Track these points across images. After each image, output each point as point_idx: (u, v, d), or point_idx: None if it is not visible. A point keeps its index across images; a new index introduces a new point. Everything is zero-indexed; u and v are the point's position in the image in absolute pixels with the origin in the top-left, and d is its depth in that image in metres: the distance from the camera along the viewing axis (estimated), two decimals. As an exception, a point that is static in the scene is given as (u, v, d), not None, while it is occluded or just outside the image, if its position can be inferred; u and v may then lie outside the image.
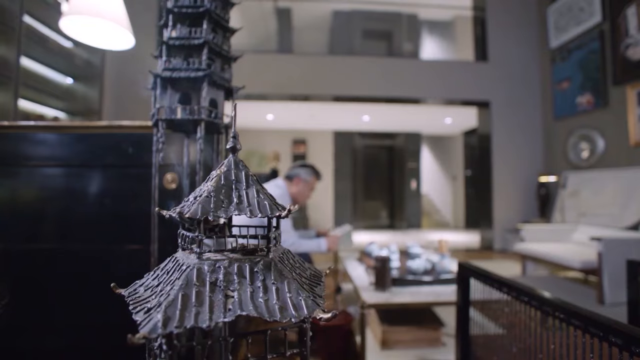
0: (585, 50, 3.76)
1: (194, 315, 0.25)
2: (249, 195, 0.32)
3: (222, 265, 0.29)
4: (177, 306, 0.25)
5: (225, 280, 0.29)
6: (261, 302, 0.27)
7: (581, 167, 3.81)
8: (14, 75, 2.68)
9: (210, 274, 0.29)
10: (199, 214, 0.29)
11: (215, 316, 0.25)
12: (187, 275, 0.28)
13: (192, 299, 0.26)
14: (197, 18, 0.62)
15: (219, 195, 0.31)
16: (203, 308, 0.26)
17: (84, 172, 0.96)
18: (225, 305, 0.27)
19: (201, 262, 0.30)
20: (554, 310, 0.64)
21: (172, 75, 0.59)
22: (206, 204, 0.30)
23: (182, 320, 0.24)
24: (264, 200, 0.32)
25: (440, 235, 6.17)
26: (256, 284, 0.29)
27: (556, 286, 2.78)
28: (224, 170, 0.33)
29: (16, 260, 0.93)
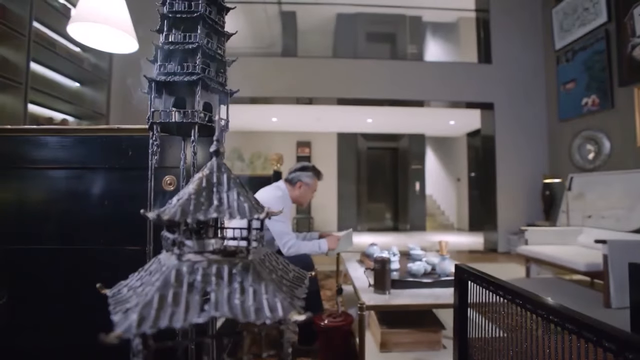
0: (591, 51, 3.72)
1: (168, 316, 0.25)
2: (229, 198, 0.33)
3: (201, 266, 0.30)
4: (153, 307, 0.26)
5: (203, 282, 0.29)
6: (237, 304, 0.28)
7: (586, 169, 3.76)
8: (24, 80, 2.74)
9: (189, 275, 0.29)
10: (178, 216, 0.30)
11: (189, 317, 0.26)
12: (166, 277, 0.29)
13: (169, 300, 0.27)
14: (191, 23, 0.63)
15: (200, 197, 0.32)
16: (179, 309, 0.26)
17: (85, 174, 0.97)
18: (202, 306, 0.27)
19: (181, 263, 0.30)
20: (548, 314, 0.63)
21: (166, 79, 0.60)
22: (186, 206, 0.31)
23: (156, 321, 0.25)
24: (243, 203, 0.32)
25: (443, 237, 6.13)
26: (234, 286, 0.29)
27: (561, 289, 2.75)
28: (206, 173, 0.34)
29: (17, 260, 0.94)
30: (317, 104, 4.85)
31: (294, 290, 0.33)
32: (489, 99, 4.46)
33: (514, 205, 4.37)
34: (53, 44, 3.12)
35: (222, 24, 0.70)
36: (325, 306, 2.34)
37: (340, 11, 6.95)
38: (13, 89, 2.70)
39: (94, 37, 1.93)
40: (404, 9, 6.45)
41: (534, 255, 2.90)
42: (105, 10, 1.82)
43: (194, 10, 0.63)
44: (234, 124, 3.99)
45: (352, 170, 7.31)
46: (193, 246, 0.32)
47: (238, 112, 5.66)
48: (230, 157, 6.71)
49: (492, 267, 3.63)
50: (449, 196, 8.03)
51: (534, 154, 4.42)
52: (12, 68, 2.70)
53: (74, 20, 1.77)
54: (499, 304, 0.81)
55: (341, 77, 4.52)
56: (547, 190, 4.15)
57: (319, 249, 1.84)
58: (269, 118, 6.23)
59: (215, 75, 0.68)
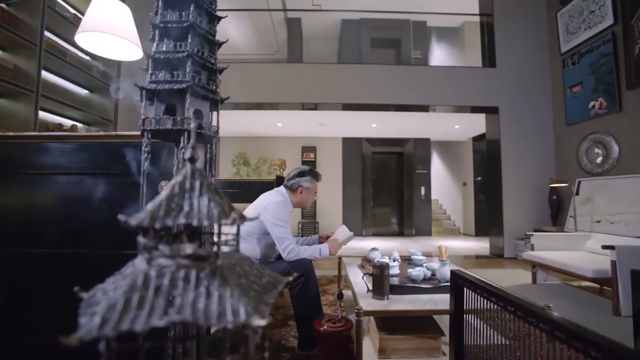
0: (597, 53, 3.67)
1: (131, 319, 0.26)
2: (200, 204, 0.33)
3: (170, 270, 0.31)
4: (117, 309, 0.27)
5: (170, 286, 0.30)
6: (200, 308, 0.28)
7: (594, 173, 3.70)
8: (35, 88, 2.81)
9: (157, 279, 0.30)
10: (147, 222, 0.31)
11: (151, 320, 0.26)
12: (133, 280, 0.29)
13: (133, 303, 0.28)
14: (181, 32, 0.64)
15: (171, 203, 0.33)
16: (142, 312, 0.27)
17: (84, 179, 1.00)
18: (166, 309, 0.28)
19: (150, 267, 0.31)
20: (538, 321, 0.62)
21: (156, 87, 0.62)
22: (156, 212, 0.32)
23: (118, 324, 0.26)
24: (213, 209, 0.33)
25: (449, 242, 6.06)
26: (200, 290, 0.30)
27: (568, 296, 2.69)
28: (179, 180, 0.35)
29: (17, 263, 0.97)
30: (322, 109, 4.87)
31: (263, 295, 0.34)
32: (494, 103, 4.42)
33: (520, 210, 4.31)
34: (64, 53, 3.20)
35: (213, 33, 0.72)
36: (328, 311, 2.33)
37: (345, 17, 7.01)
38: (25, 97, 2.78)
39: (100, 46, 1.98)
40: (408, 14, 6.47)
41: (540, 261, 2.84)
42: (111, 20, 1.88)
43: (185, 20, 0.65)
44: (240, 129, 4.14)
45: (357, 175, 7.30)
46: (166, 251, 0.33)
47: (244, 117, 5.73)
48: (236, 162, 6.77)
49: (497, 273, 3.57)
50: (455, 201, 7.95)
51: (541, 158, 4.36)
52: (23, 76, 2.79)
53: (81, 30, 1.83)
54: (492, 310, 0.80)
55: (346, 82, 4.54)
56: (554, 195, 4.08)
57: (319, 255, 1.83)
58: (275, 123, 6.28)
59: (206, 83, 0.69)
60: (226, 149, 7.32)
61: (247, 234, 1.79)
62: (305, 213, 7.14)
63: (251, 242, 1.80)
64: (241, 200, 2.81)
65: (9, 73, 2.68)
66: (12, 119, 2.79)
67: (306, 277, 1.69)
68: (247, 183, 3.19)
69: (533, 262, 2.95)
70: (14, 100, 2.79)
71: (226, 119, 5.90)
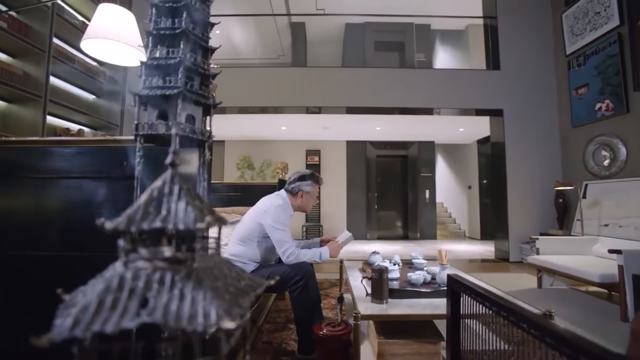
0: (603, 55, 3.63)
1: (102, 320, 0.27)
2: (177, 208, 0.34)
3: (145, 273, 0.31)
4: (90, 311, 0.27)
5: (145, 288, 0.30)
6: (173, 310, 0.29)
7: (601, 176, 3.64)
8: (43, 94, 2.88)
9: (132, 281, 0.31)
10: (123, 226, 0.31)
11: (122, 322, 0.27)
12: (109, 282, 0.30)
13: (107, 305, 0.28)
14: (174, 39, 0.66)
15: (149, 207, 0.34)
16: (114, 314, 0.28)
17: (84, 183, 1.01)
18: (139, 311, 0.28)
19: (126, 270, 0.32)
20: (530, 327, 0.61)
21: (149, 93, 0.63)
22: (132, 216, 0.32)
23: (89, 325, 0.26)
24: (190, 213, 0.34)
25: (454, 246, 6.00)
26: (174, 292, 0.30)
27: (574, 301, 2.64)
28: (159, 185, 0.36)
29: (18, 265, 0.99)
30: (326, 112, 4.89)
31: (239, 298, 0.34)
32: (498, 106, 4.39)
33: (526, 213, 4.26)
34: (72, 59, 3.27)
35: (207, 39, 0.73)
36: (329, 315, 2.32)
37: (349, 21, 7.05)
38: (33, 102, 2.85)
39: (106, 52, 2.02)
40: (412, 18, 6.48)
41: (545, 265, 2.80)
42: (116, 26, 1.92)
43: (177, 27, 0.66)
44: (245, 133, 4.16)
45: (361, 178, 7.29)
46: (144, 254, 0.33)
47: (248, 121, 5.77)
48: (240, 166, 6.81)
49: (502, 277, 3.52)
50: (460, 204, 7.88)
51: (546, 160, 4.31)
52: (32, 82, 2.85)
53: (87, 37, 1.87)
54: (487, 315, 0.80)
55: (350, 86, 4.55)
56: (560, 198, 4.03)
57: (319, 259, 1.83)
58: (279, 127, 6.31)
59: (199, 88, 0.70)
60: (231, 153, 7.37)
61: (247, 238, 1.80)
62: (310, 216, 7.14)
63: (251, 246, 1.80)
64: (244, 204, 2.82)
65: (18, 79, 2.75)
66: (21, 123, 2.86)
67: (306, 280, 1.69)
68: (249, 186, 3.21)
69: (538, 267, 2.91)
70: (22, 106, 2.85)
71: (231, 123, 5.95)
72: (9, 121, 2.85)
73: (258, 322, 1.90)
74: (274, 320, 2.22)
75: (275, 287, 1.74)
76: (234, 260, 1.79)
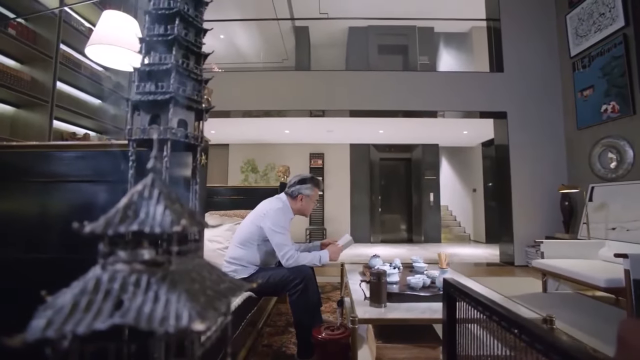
0: (609, 56, 3.59)
1: (75, 322, 0.27)
2: (156, 212, 0.35)
3: (122, 275, 0.32)
4: (63, 312, 0.28)
5: (120, 290, 0.31)
6: (146, 312, 0.29)
7: (608, 179, 3.58)
8: (50, 99, 2.93)
9: (108, 283, 0.31)
10: (100, 229, 0.32)
11: (95, 323, 0.28)
12: (85, 284, 0.31)
13: (81, 306, 0.29)
14: (166, 45, 0.67)
15: (127, 211, 0.34)
16: (87, 315, 0.28)
17: (83, 187, 1.03)
18: (112, 313, 0.29)
19: (103, 272, 0.32)
20: (520, 332, 0.61)
21: (141, 98, 0.64)
22: (111, 219, 0.33)
23: (62, 326, 0.27)
24: (167, 217, 0.34)
25: (459, 250, 5.95)
26: (149, 294, 0.31)
27: (580, 306, 2.59)
28: (139, 189, 0.36)
29: (19, 268, 1.00)
30: (330, 116, 4.90)
31: (216, 301, 0.34)
32: (502, 108, 4.36)
33: (531, 216, 4.20)
34: (78, 65, 3.33)
35: (199, 45, 0.75)
36: (330, 318, 2.31)
37: (352, 24, 7.08)
38: (40, 107, 2.90)
39: (110, 58, 2.06)
40: (415, 21, 6.49)
41: (549, 270, 2.76)
42: (119, 33, 1.95)
43: (169, 34, 0.68)
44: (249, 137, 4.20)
45: (365, 182, 7.27)
46: (124, 256, 0.34)
47: (252, 124, 5.81)
48: (244, 169, 6.85)
49: (507, 281, 3.48)
50: (465, 207, 7.81)
51: (551, 163, 4.26)
52: (39, 87, 2.91)
53: (91, 43, 1.91)
54: (482, 320, 0.79)
55: (354, 89, 4.56)
56: (566, 201, 3.97)
57: (319, 262, 1.83)
58: (282, 130, 6.34)
59: (192, 94, 0.72)
60: (235, 156, 7.42)
61: (247, 241, 1.81)
62: (313, 219, 7.14)
63: (251, 249, 1.81)
64: (246, 207, 2.83)
65: (26, 85, 2.81)
66: (28, 128, 2.91)
67: (306, 283, 1.69)
68: (251, 189, 3.22)
69: (543, 271, 2.87)
70: (30, 111, 2.91)
71: (235, 127, 6.00)
72: (18, 126, 2.91)
73: (258, 325, 1.91)
74: (275, 324, 2.21)
75: (274, 290, 1.74)
76: (234, 263, 1.79)
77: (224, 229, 2.15)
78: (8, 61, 2.81)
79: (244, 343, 1.55)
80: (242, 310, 1.50)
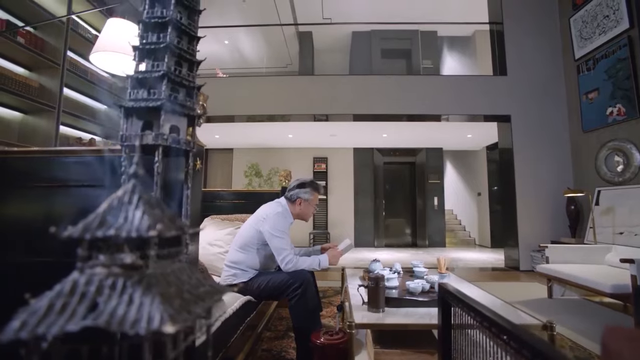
0: (613, 58, 3.56)
1: (48, 324, 0.28)
2: (134, 217, 0.36)
3: (98, 279, 0.33)
4: (38, 314, 0.29)
5: (96, 293, 0.32)
6: (119, 314, 0.30)
7: (615, 182, 3.53)
8: (57, 105, 2.99)
9: (85, 286, 0.32)
10: (78, 233, 0.33)
11: (67, 325, 0.28)
12: (62, 287, 0.32)
13: (56, 308, 0.30)
14: (159, 53, 0.68)
15: (107, 215, 0.35)
16: (61, 317, 0.29)
17: (81, 191, 1.05)
18: (85, 315, 0.30)
19: (81, 275, 0.33)
20: (509, 339, 0.60)
21: (133, 105, 0.65)
22: (89, 224, 0.34)
23: (35, 328, 0.28)
24: (144, 222, 0.35)
25: (464, 254, 5.88)
26: (124, 297, 0.32)
27: (586, 313, 2.55)
28: (119, 194, 0.37)
29: (20, 272, 1.02)
30: (334, 120, 4.92)
31: (192, 304, 0.35)
32: (505, 112, 4.34)
33: (537, 220, 4.15)
34: (85, 71, 3.40)
35: (192, 52, 0.76)
36: (331, 323, 2.30)
37: (356, 29, 7.12)
38: (47, 113, 2.96)
39: (114, 64, 2.10)
40: (418, 25, 6.50)
41: (554, 275, 2.72)
42: (123, 40, 1.99)
43: (161, 42, 0.69)
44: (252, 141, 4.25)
45: (368, 186, 7.26)
46: (103, 260, 0.35)
47: (256, 129, 5.85)
48: (248, 173, 6.88)
49: (512, 286, 3.43)
50: (470, 211, 7.74)
51: (557, 166, 4.21)
52: (47, 94, 2.97)
53: (95, 50, 1.95)
54: (474, 325, 0.78)
55: (357, 93, 4.57)
56: (572, 205, 3.92)
57: (318, 266, 1.83)
58: (286, 135, 6.38)
59: (184, 100, 0.73)
60: (239, 160, 7.46)
61: (247, 245, 1.81)
62: (317, 224, 7.14)
63: (251, 253, 1.81)
64: (248, 211, 2.85)
65: (34, 91, 2.87)
66: (36, 134, 2.97)
67: (304, 288, 1.68)
68: (253, 194, 3.23)
69: (548, 276, 2.82)
70: (37, 117, 2.97)
71: (239, 131, 6.04)
72: (26, 131, 2.97)
73: (257, 329, 1.91)
74: (276, 328, 2.21)
75: (273, 295, 1.74)
76: (234, 267, 1.80)
77: (225, 233, 2.16)
78: (17, 68, 2.88)
79: (242, 347, 1.55)
80: (240, 314, 1.50)
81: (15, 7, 2.78)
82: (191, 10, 0.77)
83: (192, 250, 0.90)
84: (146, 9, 0.71)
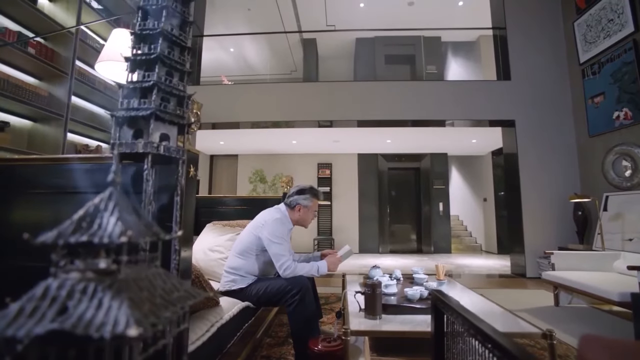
0: (619, 62, 3.52)
1: (17, 326, 0.29)
2: (109, 223, 0.37)
3: (70, 283, 0.34)
4: (8, 317, 0.30)
5: (66, 297, 0.33)
6: (87, 318, 0.31)
7: (623, 188, 3.46)
8: (65, 113, 3.07)
9: (56, 290, 0.33)
10: (52, 239, 0.34)
11: (35, 329, 0.29)
12: (34, 291, 0.33)
13: (26, 312, 0.31)
14: (150, 64, 0.71)
15: (82, 222, 0.37)
16: (30, 320, 0.30)
17: (79, 197, 1.07)
18: (54, 319, 0.31)
19: (53, 280, 0.34)
20: (493, 347, 0.60)
21: (124, 114, 0.67)
22: (64, 230, 0.35)
23: (4, 330, 0.29)
24: (117, 228, 0.36)
25: (470, 261, 5.80)
26: (93, 302, 0.33)
27: (593, 321, 2.48)
28: (96, 202, 0.39)
29: (21, 275, 1.04)
30: (338, 126, 4.94)
31: (162, 309, 0.36)
32: (509, 117, 4.30)
33: (543, 226, 4.08)
34: (92, 80, 3.49)
35: (183, 63, 0.78)
36: (332, 330, 2.28)
37: (359, 36, 7.17)
38: (56, 121, 3.04)
39: (118, 73, 2.15)
40: (422, 31, 6.52)
41: (561, 282, 2.66)
42: (127, 50, 2.04)
43: (152, 52, 0.71)
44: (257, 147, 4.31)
45: (373, 191, 7.23)
46: (77, 265, 0.36)
47: (261, 135, 5.90)
48: (252, 179, 6.92)
49: (517, 293, 3.37)
50: (476, 217, 7.65)
51: (563, 172, 4.15)
52: (56, 102, 3.05)
53: (100, 60, 2.01)
54: (464, 333, 0.77)
55: (361, 99, 4.59)
56: (579, 211, 3.85)
57: (317, 272, 1.82)
58: (290, 141, 6.42)
59: (174, 109, 0.75)
60: (244, 167, 7.52)
61: (246, 251, 1.82)
62: (321, 230, 7.13)
63: (250, 259, 1.82)
64: (250, 217, 2.86)
65: (43, 100, 2.95)
66: (45, 141, 3.05)
67: (302, 294, 1.68)
68: (256, 200, 3.25)
69: (554, 283, 2.77)
70: (46, 124, 3.05)
71: (244, 137, 6.10)
72: (35, 139, 3.05)
73: (256, 335, 1.90)
74: (276, 334, 2.20)
75: (272, 301, 1.74)
76: (233, 273, 1.81)
77: (225, 239, 2.18)
78: (28, 78, 2.96)
79: (239, 353, 1.55)
80: (237, 320, 1.51)
81: (27, 19, 2.87)
82: (182, 22, 0.79)
83: (185, 255, 0.91)
84: (138, 21, 0.73)
